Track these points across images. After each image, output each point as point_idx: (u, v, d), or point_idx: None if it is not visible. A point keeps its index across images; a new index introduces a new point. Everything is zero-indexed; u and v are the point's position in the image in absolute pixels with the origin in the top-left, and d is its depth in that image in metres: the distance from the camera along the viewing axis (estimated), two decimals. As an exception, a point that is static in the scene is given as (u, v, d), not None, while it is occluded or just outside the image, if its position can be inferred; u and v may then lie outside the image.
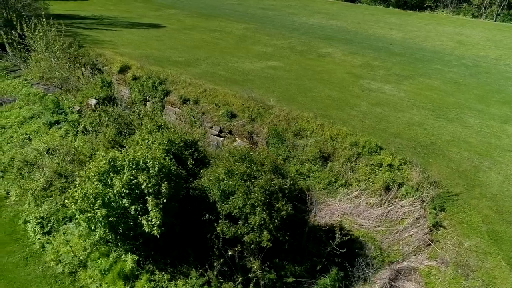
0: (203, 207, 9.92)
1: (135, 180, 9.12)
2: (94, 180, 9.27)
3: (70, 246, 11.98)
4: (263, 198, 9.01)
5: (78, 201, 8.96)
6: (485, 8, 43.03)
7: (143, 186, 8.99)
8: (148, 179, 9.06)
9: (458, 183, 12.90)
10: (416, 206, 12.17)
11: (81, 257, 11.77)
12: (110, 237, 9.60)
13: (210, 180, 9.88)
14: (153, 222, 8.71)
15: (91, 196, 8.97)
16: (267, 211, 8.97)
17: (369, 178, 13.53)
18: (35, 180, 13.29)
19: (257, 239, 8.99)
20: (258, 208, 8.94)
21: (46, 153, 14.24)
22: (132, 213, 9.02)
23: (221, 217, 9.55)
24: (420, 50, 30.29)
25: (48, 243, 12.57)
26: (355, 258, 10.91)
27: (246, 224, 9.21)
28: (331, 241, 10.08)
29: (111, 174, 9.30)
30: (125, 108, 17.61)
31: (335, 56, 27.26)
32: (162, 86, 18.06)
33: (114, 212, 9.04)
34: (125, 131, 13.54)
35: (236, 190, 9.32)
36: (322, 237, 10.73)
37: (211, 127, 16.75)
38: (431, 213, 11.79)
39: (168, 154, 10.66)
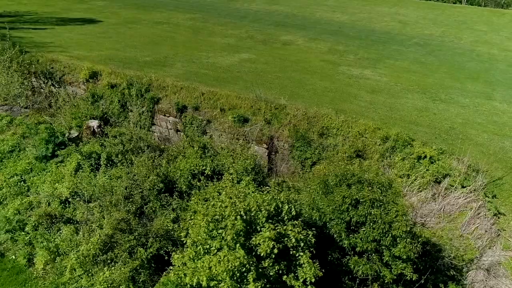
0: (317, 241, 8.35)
1: (273, 230, 6.99)
2: (235, 245, 6.90)
3: None
4: (406, 228, 7.78)
5: (226, 280, 6.59)
6: (408, -13, 45.63)
7: (293, 241, 7.08)
8: (295, 230, 7.17)
9: (497, 167, 13.04)
10: (470, 197, 11.99)
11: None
12: None
13: (323, 211, 8.30)
14: (304, 279, 6.87)
15: (240, 271, 6.73)
16: (413, 241, 7.80)
17: (410, 172, 13.06)
18: (83, 240, 10.01)
19: (401, 272, 7.82)
20: (406, 239, 7.71)
21: (82, 200, 10.79)
22: (271, 274, 7.09)
23: (349, 253, 8.14)
24: (372, 32, 30.87)
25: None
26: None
27: (382, 258, 7.96)
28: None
29: (242, 231, 7.11)
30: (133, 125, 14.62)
31: (299, 44, 26.54)
32: (151, 94, 15.49)
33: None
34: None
35: (368, 220, 7.96)
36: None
37: (220, 135, 14.90)
38: (489, 202, 11.70)
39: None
